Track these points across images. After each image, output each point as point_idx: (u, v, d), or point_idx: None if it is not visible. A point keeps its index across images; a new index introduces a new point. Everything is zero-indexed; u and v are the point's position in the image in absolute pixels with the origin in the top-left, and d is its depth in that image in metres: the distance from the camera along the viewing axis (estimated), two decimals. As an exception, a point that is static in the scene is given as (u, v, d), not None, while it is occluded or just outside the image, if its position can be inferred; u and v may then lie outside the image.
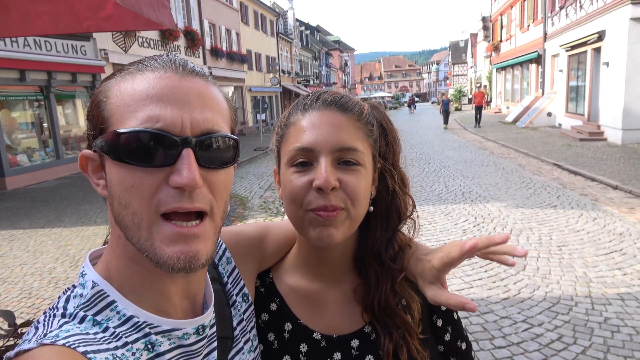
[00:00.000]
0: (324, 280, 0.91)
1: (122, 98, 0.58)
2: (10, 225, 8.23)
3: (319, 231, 0.77)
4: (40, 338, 0.54)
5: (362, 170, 0.80)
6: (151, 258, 0.58)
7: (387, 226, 0.88)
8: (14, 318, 1.34)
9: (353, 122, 0.81)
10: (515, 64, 27.78)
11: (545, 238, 5.99)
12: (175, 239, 0.58)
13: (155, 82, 0.58)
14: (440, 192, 9.19)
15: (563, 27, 18.99)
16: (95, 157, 0.62)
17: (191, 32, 21.74)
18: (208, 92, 0.62)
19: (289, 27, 43.64)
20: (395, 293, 0.86)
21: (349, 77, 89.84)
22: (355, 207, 0.79)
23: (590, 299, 4.25)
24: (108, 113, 0.59)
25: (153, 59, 0.62)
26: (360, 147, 0.80)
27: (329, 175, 0.75)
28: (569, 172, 10.35)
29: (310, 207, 0.77)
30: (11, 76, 12.21)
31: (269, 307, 0.93)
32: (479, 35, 46.64)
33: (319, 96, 0.85)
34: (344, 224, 0.78)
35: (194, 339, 0.67)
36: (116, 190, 0.58)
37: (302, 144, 0.79)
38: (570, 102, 18.94)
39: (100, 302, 0.61)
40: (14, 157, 12.68)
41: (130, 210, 0.57)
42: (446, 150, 15.80)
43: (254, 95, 30.58)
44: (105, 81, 0.63)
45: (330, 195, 0.76)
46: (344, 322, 0.89)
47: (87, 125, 0.63)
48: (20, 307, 4.81)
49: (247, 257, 0.90)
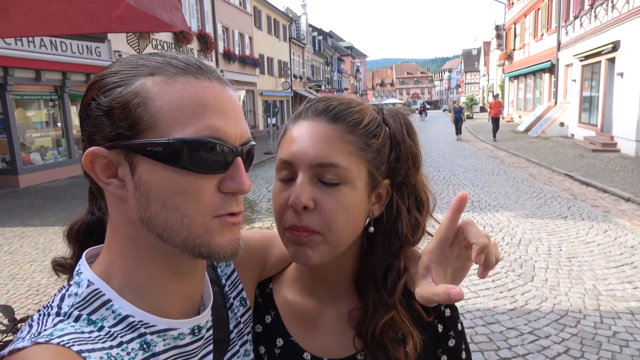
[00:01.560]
0: (320, 298, 0.86)
1: (173, 103, 0.58)
2: (21, 222, 8.33)
3: (294, 250, 0.75)
4: (34, 337, 0.54)
5: (345, 189, 0.73)
6: (202, 251, 0.61)
7: (387, 251, 0.80)
8: (13, 313, 1.35)
9: (341, 135, 0.74)
10: (528, 73, 27.59)
11: (554, 249, 5.92)
12: (228, 229, 0.62)
13: (206, 92, 0.60)
14: (449, 200, 9.12)
15: (577, 36, 18.84)
16: (108, 155, 0.60)
17: (204, 35, 21.94)
18: (239, 102, 0.66)
19: (302, 32, 43.83)
20: (392, 325, 0.79)
21: (361, 83, 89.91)
22: (332, 231, 0.73)
23: (599, 312, 4.18)
24: (153, 116, 0.58)
25: (176, 59, 0.62)
26: (343, 163, 0.72)
27: (300, 194, 0.71)
28: (581, 183, 10.23)
29: (285, 225, 0.75)
30: (27, 76, 12.42)
31: (264, 319, 0.89)
32: (492, 43, 46.46)
33: (314, 104, 0.79)
34: (320, 247, 0.73)
35: (189, 339, 0.66)
36: (161, 193, 0.58)
37: (283, 155, 0.76)
38: (583, 112, 18.75)
39: (95, 301, 0.60)
40: (28, 156, 12.86)
41: (180, 213, 0.59)
42: (456, 158, 15.71)
43: (266, 99, 30.77)
44: (128, 78, 0.60)
45: (303, 215, 0.72)
46: (336, 345, 0.84)
47: (96, 122, 0.60)
48: (28, 303, 4.85)
49: (248, 262, 0.88)
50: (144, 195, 0.59)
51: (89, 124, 0.61)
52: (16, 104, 12.47)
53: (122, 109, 0.58)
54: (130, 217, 0.61)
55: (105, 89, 0.60)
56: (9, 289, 5.27)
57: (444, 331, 0.87)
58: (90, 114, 0.60)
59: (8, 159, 12.30)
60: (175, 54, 0.64)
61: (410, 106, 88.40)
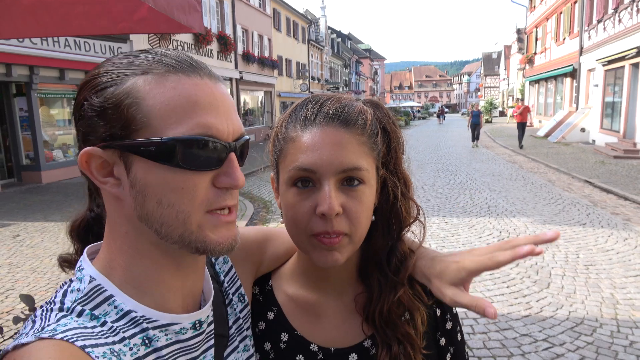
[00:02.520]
0: (324, 291, 0.88)
1: (165, 102, 0.59)
2: (43, 217, 8.53)
3: (324, 255, 0.76)
4: (37, 332, 0.54)
5: (365, 189, 0.77)
6: (198, 247, 0.62)
7: (388, 234, 0.85)
8: (34, 302, 1.40)
9: (357, 138, 0.76)
10: (549, 77, 27.18)
11: (572, 256, 5.82)
12: (223, 227, 0.63)
13: (198, 90, 0.61)
14: (465, 204, 9.05)
15: (600, 41, 18.50)
16: (103, 155, 0.60)
17: (224, 36, 22.16)
18: (230, 97, 0.67)
19: (321, 35, 43.94)
20: (399, 303, 0.82)
21: (379, 85, 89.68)
22: (357, 231, 0.77)
23: (616, 321, 4.10)
24: (146, 116, 0.58)
25: (167, 57, 0.62)
26: (364, 164, 0.76)
27: (333, 202, 0.72)
28: (601, 190, 10.03)
29: (313, 232, 0.75)
30: (51, 75, 12.73)
31: (266, 316, 0.91)
32: (512, 47, 45.89)
33: (320, 108, 0.78)
34: (347, 247, 0.77)
35: (190, 334, 0.67)
36: (156, 190, 0.59)
37: (302, 165, 0.75)
38: (605, 118, 18.38)
39: (97, 297, 0.61)
40: (50, 153, 13.17)
41: (175, 209, 0.60)
42: (474, 162, 15.56)
43: (283, 100, 30.90)
44: (119, 77, 0.60)
45: (334, 221, 0.73)
46: (343, 334, 0.86)
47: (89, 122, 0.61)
48: (47, 296, 4.97)
49: (245, 259, 0.89)
50: (140, 193, 0.60)
51: (83, 124, 0.61)
52: (40, 102, 12.79)
53: (114, 109, 0.59)
54: (127, 214, 0.62)
55: (97, 89, 0.60)
56: (29, 282, 5.41)
57: (442, 314, 0.90)
58: (84, 115, 0.61)
59: (32, 156, 12.62)
60: (166, 50, 0.64)
61: (428, 109, 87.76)
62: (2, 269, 5.86)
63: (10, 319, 4.43)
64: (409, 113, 57.43)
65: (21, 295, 1.39)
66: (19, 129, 12.43)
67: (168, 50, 0.64)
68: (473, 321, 4.16)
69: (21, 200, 10.25)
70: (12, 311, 4.65)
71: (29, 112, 12.30)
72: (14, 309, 4.68)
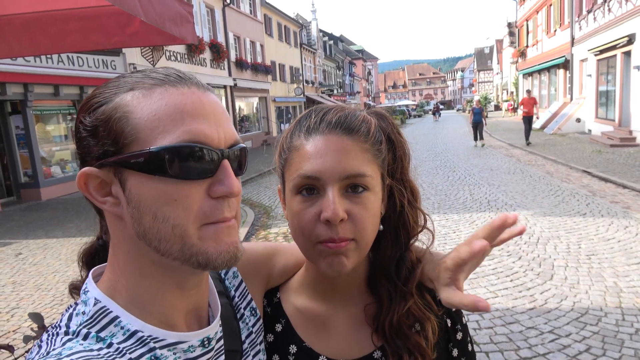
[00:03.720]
0: (333, 302, 0.88)
1: (152, 113, 0.58)
2: (44, 234, 8.53)
3: (330, 260, 0.75)
4: (43, 357, 0.54)
5: (370, 196, 0.77)
6: (199, 260, 0.60)
7: (396, 244, 0.85)
8: (43, 320, 1.41)
9: (360, 145, 0.77)
10: (542, 69, 27.27)
11: (573, 247, 5.84)
12: (221, 236, 0.61)
13: (184, 98, 0.60)
14: (465, 200, 9.07)
15: (591, 31, 18.58)
16: (100, 174, 0.60)
17: (216, 45, 22.20)
18: (221, 105, 0.66)
19: (313, 38, 44.04)
20: (409, 313, 0.82)
21: (373, 86, 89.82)
22: (364, 237, 0.76)
23: (620, 310, 4.11)
24: (134, 129, 0.58)
25: (155, 72, 0.63)
26: (368, 171, 0.76)
27: (337, 208, 0.72)
28: (599, 179, 10.07)
29: (319, 239, 0.75)
30: (46, 91, 12.74)
31: (275, 328, 0.90)
32: (504, 41, 46.04)
33: (323, 117, 0.80)
34: (354, 253, 0.76)
35: (199, 351, 0.66)
36: (150, 204, 0.58)
37: (306, 172, 0.75)
38: (600, 107, 18.45)
39: (103, 319, 0.60)
40: (48, 169, 13.17)
41: (170, 223, 0.58)
42: (471, 157, 15.59)
43: (278, 105, 30.97)
44: (113, 97, 0.61)
45: (338, 227, 0.73)
46: (352, 346, 0.85)
47: (84, 143, 0.62)
48: (52, 313, 4.98)
49: (254, 273, 0.90)
50: (136, 209, 0.59)
51: (80, 145, 0.62)
52: (36, 119, 12.80)
53: (104, 126, 0.59)
54: (128, 233, 0.61)
55: (90, 110, 0.61)
56: (34, 300, 5.41)
57: (452, 325, 0.90)
58: (80, 136, 0.62)
59: (30, 173, 12.63)
60: (155, 68, 0.65)
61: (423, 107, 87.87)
62: (6, 288, 5.86)
63: (17, 337, 4.43)
64: (404, 112, 57.54)
65: (30, 313, 1.40)
66: (15, 146, 12.43)
67: (158, 68, 0.65)
68: (479, 316, 4.17)
69: (21, 218, 10.25)
70: (18, 329, 4.65)
71: (25, 129, 12.30)
72: (20, 327, 4.68)
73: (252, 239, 7.52)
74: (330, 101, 42.22)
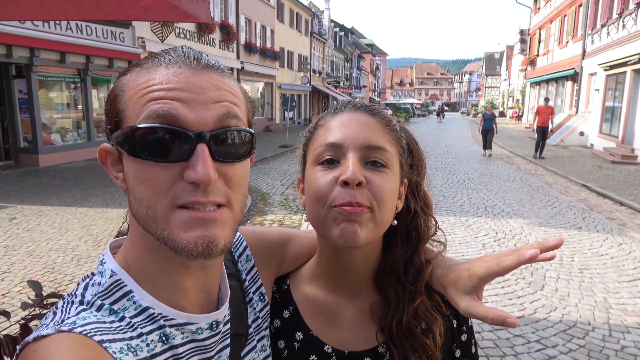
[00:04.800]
0: (341, 293, 0.88)
1: (136, 92, 0.60)
2: (39, 201, 8.51)
3: (343, 227, 0.73)
4: (57, 324, 0.55)
5: (389, 173, 0.78)
6: (170, 246, 0.58)
7: (407, 245, 0.87)
8: (41, 288, 1.41)
9: (382, 126, 0.82)
10: (551, 79, 27.20)
11: (566, 259, 5.86)
12: (193, 224, 0.58)
13: (169, 78, 0.59)
14: (462, 203, 9.08)
15: (603, 45, 18.50)
16: (113, 150, 0.63)
17: (227, 26, 22.04)
18: (223, 84, 0.62)
19: (324, 28, 43.74)
20: (417, 315, 0.83)
21: (380, 81, 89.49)
22: (380, 209, 0.76)
23: (608, 325, 4.14)
24: (122, 107, 0.60)
25: (168, 54, 0.62)
26: (389, 147, 0.80)
27: (356, 169, 0.74)
28: (597, 194, 10.08)
29: (335, 203, 0.74)
30: (52, 57, 12.64)
31: (282, 314, 0.91)
32: (515, 47, 45.86)
33: (350, 101, 0.86)
34: (369, 225, 0.75)
35: (207, 334, 0.67)
36: (132, 184, 0.60)
37: (329, 140, 0.79)
38: (604, 122, 18.43)
39: (117, 292, 0.61)
40: (48, 136, 13.11)
41: (144, 204, 0.58)
42: (472, 162, 15.59)
43: (284, 92, 30.80)
44: (122, 76, 0.64)
45: (356, 192, 0.74)
46: (357, 338, 0.86)
47: (105, 119, 0.65)
48: (43, 280, 4.97)
49: (267, 258, 0.89)
50: (127, 187, 0.61)
51: (106, 122, 0.65)
52: (40, 84, 12.70)
53: (109, 104, 0.63)
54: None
55: (111, 90, 0.65)
56: (25, 265, 5.40)
57: (458, 326, 0.90)
58: (106, 114, 0.65)
59: (30, 138, 12.56)
60: (175, 47, 0.64)
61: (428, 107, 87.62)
62: (-2, 251, 5.86)
63: (5, 302, 4.44)
64: (408, 110, 57.41)
65: (29, 281, 1.39)
66: (17, 111, 12.35)
67: (190, 49, 0.64)
68: (467, 320, 4.19)
69: (18, 183, 10.22)
70: (7, 293, 4.65)
71: (28, 94, 12.22)
72: (10, 291, 4.68)
73: (247, 224, 7.52)
74: (336, 92, 42.08)
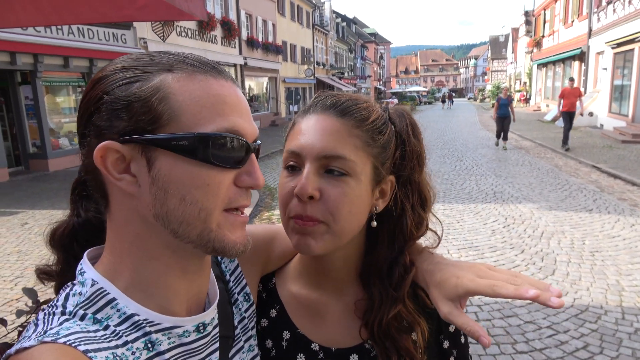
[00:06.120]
0: (326, 290, 0.88)
1: (194, 99, 0.60)
2: (50, 205, 8.61)
3: (297, 239, 0.76)
4: (40, 335, 0.54)
5: (350, 181, 0.75)
6: (214, 246, 0.62)
7: (391, 246, 0.83)
8: (37, 295, 1.42)
9: (348, 129, 0.76)
10: (557, 60, 26.81)
11: (577, 242, 5.80)
12: (239, 227, 0.65)
13: (226, 90, 0.63)
14: (470, 190, 9.02)
15: (610, 23, 18.17)
16: (122, 149, 0.59)
17: (228, 22, 21.98)
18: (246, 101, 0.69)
19: (325, 19, 43.47)
20: (399, 317, 0.81)
21: (384, 70, 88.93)
22: (336, 221, 0.74)
23: (621, 309, 4.10)
24: (175, 111, 0.59)
25: (188, 58, 0.64)
26: (350, 155, 0.75)
27: (307, 183, 0.73)
28: (608, 175, 9.95)
29: (290, 214, 0.76)
30: (56, 62, 12.71)
31: (269, 314, 0.90)
32: (520, 30, 45.23)
33: (323, 99, 0.82)
34: (324, 237, 0.75)
35: (194, 336, 0.67)
36: (180, 186, 0.59)
37: (291, 147, 0.79)
38: (613, 102, 18.16)
39: (99, 300, 0.60)
40: (57, 141, 13.23)
41: (198, 206, 0.60)
42: (480, 148, 15.46)
43: (288, 86, 30.75)
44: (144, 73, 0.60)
45: (307, 205, 0.73)
46: (344, 335, 0.86)
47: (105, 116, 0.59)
48: (55, 284, 5.04)
49: (251, 257, 0.88)
50: (161, 189, 0.59)
51: (101, 118, 0.59)
52: (45, 90, 12.80)
53: (142, 103, 0.58)
54: (142, 214, 0.61)
55: (120, 84, 0.59)
56: (38, 270, 5.47)
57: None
58: (101, 108, 0.59)
59: (38, 144, 12.69)
60: (186, 53, 0.65)
61: (434, 94, 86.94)
62: (11, 257, 5.93)
63: (19, 306, 4.50)
64: (415, 98, 57.04)
65: (24, 289, 1.41)
66: (25, 117, 12.47)
67: (188, 53, 0.66)
68: (477, 308, 4.17)
69: (29, 188, 10.34)
70: (21, 298, 4.72)
71: (34, 100, 12.32)
72: (23, 296, 4.75)
73: (255, 219, 7.54)
74: (341, 84, 41.90)
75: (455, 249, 5.78)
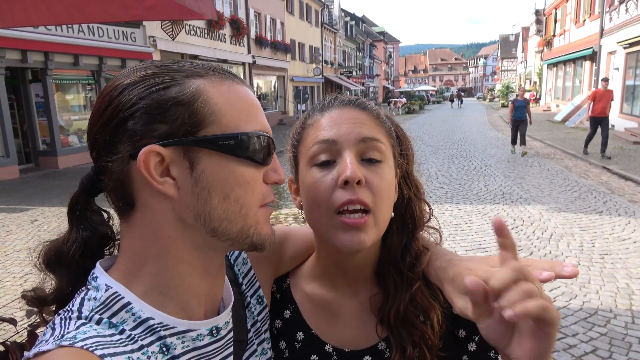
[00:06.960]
0: (341, 291, 0.88)
1: (229, 102, 0.64)
2: (59, 202, 8.68)
3: (349, 236, 0.74)
4: (57, 339, 0.55)
5: (385, 167, 0.78)
6: (254, 240, 0.67)
7: (403, 232, 0.85)
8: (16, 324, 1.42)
9: (373, 119, 0.82)
10: (568, 60, 26.55)
11: (587, 245, 5.74)
12: (267, 222, 0.70)
13: (249, 95, 0.69)
14: (479, 191, 8.96)
15: (622, 22, 17.95)
16: (164, 152, 0.59)
17: (237, 20, 22.03)
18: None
19: (334, 18, 43.40)
20: (414, 303, 0.81)
21: (393, 69, 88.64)
22: (380, 208, 0.76)
23: (631, 312, 4.05)
24: (214, 113, 0.62)
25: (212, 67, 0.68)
26: (382, 139, 0.80)
27: (355, 168, 0.73)
28: (619, 177, 9.84)
29: (336, 205, 0.74)
30: (66, 60, 12.83)
31: (283, 314, 0.91)
32: (530, 29, 44.83)
33: (336, 98, 0.85)
34: (372, 230, 0.76)
35: (207, 340, 0.67)
36: (224, 185, 0.62)
37: (324, 137, 0.78)
38: (625, 102, 17.96)
39: (114, 305, 0.61)
40: (66, 138, 13.35)
41: (240, 203, 0.64)
42: (488, 148, 15.36)
43: (296, 85, 30.74)
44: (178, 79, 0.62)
45: (357, 189, 0.73)
46: (358, 336, 0.86)
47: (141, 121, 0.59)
48: (64, 281, 5.08)
49: (264, 260, 0.89)
50: (205, 189, 0.61)
51: (136, 123, 0.59)
52: (55, 87, 12.92)
53: (186, 107, 0.60)
54: (180, 215, 0.62)
55: (157, 89, 0.60)
56: (47, 266, 5.52)
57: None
58: (136, 114, 0.59)
59: (48, 141, 12.82)
60: (204, 62, 0.69)
61: (442, 94, 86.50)
62: (21, 254, 6.00)
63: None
64: (423, 97, 56.78)
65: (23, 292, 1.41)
66: (35, 114, 12.60)
67: (207, 62, 0.71)
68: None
69: (39, 185, 10.44)
70: (30, 295, 4.76)
71: (44, 97, 12.44)
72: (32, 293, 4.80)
73: (262, 218, 7.55)
74: (349, 83, 41.83)
75: (463, 250, 5.74)
